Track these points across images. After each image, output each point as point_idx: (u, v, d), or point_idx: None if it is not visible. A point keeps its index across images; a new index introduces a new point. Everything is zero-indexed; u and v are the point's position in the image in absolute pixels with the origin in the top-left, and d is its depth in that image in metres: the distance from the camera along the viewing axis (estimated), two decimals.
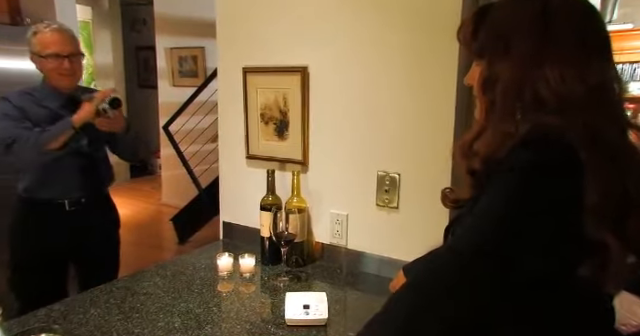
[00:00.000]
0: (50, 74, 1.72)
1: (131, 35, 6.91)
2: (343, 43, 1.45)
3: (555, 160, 0.66)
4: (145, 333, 1.11)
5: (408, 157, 1.40)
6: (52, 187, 1.75)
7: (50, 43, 1.69)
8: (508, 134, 0.71)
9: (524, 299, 0.70)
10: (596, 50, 0.73)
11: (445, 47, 1.29)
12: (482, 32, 0.78)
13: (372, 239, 1.49)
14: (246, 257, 1.45)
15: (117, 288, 1.33)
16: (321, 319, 1.15)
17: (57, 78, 1.72)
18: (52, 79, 1.73)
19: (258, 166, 1.66)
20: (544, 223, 0.66)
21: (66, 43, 1.72)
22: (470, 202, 0.79)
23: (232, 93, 1.68)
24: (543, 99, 0.70)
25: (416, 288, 0.72)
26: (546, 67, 0.70)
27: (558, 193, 0.66)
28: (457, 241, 0.73)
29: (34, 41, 1.70)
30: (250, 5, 1.61)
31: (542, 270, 0.68)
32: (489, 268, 0.66)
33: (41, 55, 1.70)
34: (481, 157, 0.74)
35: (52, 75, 1.72)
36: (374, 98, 1.43)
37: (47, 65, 1.70)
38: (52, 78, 1.73)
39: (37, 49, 1.70)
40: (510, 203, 0.67)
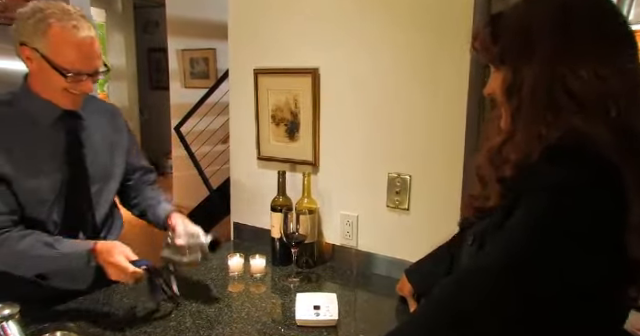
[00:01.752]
0: (56, 91, 1.16)
1: (143, 37, 6.99)
2: (354, 44, 1.45)
3: (590, 179, 0.63)
4: (157, 332, 1.12)
5: (419, 159, 1.39)
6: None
7: (77, 54, 1.12)
8: (539, 136, 0.68)
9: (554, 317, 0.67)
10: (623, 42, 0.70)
11: (457, 46, 1.29)
12: (502, 36, 0.76)
13: (382, 240, 1.49)
14: (257, 258, 1.46)
15: (130, 288, 1.35)
16: (331, 320, 1.15)
17: (62, 98, 1.18)
18: (51, 94, 1.17)
19: (269, 167, 1.67)
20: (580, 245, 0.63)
21: (93, 56, 1.16)
22: (498, 212, 0.75)
23: (243, 94, 1.70)
24: (576, 96, 0.67)
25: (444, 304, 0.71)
26: (577, 63, 0.67)
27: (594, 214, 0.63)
28: (488, 259, 0.70)
29: (46, 37, 1.10)
30: (261, 7, 1.62)
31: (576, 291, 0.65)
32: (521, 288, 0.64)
33: (56, 66, 1.11)
34: (512, 163, 0.71)
35: (56, 93, 1.16)
36: (385, 99, 1.43)
37: (56, 80, 1.13)
38: (52, 94, 1.17)
39: (47, 51, 1.10)
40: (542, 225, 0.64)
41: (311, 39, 1.53)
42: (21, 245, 1.12)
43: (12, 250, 1.12)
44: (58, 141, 1.21)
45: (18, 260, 1.14)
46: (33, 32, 1.10)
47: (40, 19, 1.10)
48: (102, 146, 1.31)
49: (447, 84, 1.32)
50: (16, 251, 1.12)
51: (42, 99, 1.18)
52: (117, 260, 1.12)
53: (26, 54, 1.13)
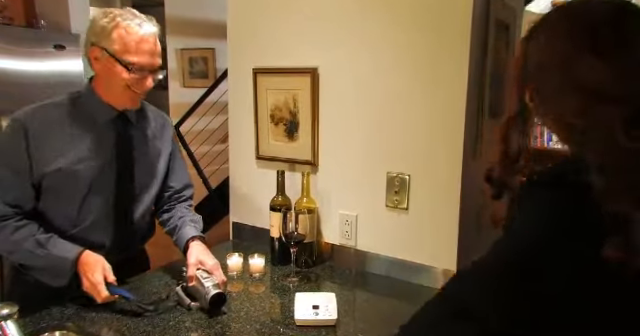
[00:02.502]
0: (118, 89, 1.22)
1: None
2: (353, 43, 1.45)
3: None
4: (156, 332, 1.12)
5: (418, 158, 1.40)
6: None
7: (140, 48, 1.19)
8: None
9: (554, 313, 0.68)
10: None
11: (457, 46, 1.29)
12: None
13: (381, 240, 1.49)
14: (256, 257, 1.46)
15: (131, 286, 1.35)
16: (330, 319, 1.16)
17: (123, 96, 1.24)
18: (114, 95, 1.24)
19: (268, 167, 1.67)
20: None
21: (155, 52, 1.24)
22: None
23: (242, 94, 1.70)
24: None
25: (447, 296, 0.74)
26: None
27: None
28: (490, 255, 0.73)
29: (114, 35, 1.18)
30: (261, 7, 1.62)
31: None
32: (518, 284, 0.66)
33: (121, 60, 1.18)
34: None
35: (118, 91, 1.23)
36: (384, 99, 1.43)
37: (122, 76, 1.20)
38: (115, 94, 1.24)
39: (116, 48, 1.18)
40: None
41: (310, 39, 1.53)
42: (15, 235, 1.20)
43: (7, 238, 1.20)
44: (110, 140, 1.28)
45: (11, 248, 1.23)
46: (101, 31, 1.19)
47: (110, 19, 1.19)
48: (149, 151, 1.37)
49: (447, 84, 1.33)
50: (10, 240, 1.20)
51: (103, 101, 1.26)
52: (95, 278, 1.16)
53: (94, 54, 1.21)
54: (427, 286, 1.40)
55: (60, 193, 1.24)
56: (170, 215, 1.47)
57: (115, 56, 1.19)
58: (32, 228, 1.22)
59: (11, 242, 1.20)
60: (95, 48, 1.20)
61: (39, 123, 1.20)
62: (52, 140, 1.21)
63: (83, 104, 1.26)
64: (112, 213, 1.31)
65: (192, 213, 1.50)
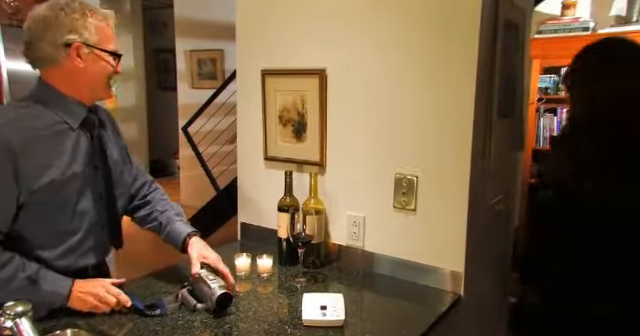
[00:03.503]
0: (101, 82, 1.18)
1: (151, 38, 7.04)
2: (361, 44, 1.46)
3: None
4: (165, 331, 1.13)
5: (426, 159, 1.40)
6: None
7: (111, 35, 1.17)
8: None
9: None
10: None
11: (465, 46, 1.29)
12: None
13: (389, 241, 1.49)
14: (264, 258, 1.46)
15: (138, 287, 1.36)
16: (338, 320, 1.16)
17: (104, 88, 1.20)
18: (92, 89, 1.19)
19: (276, 167, 1.68)
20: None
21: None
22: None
23: (251, 95, 1.70)
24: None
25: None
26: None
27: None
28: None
29: (90, 26, 1.12)
30: (270, 8, 1.63)
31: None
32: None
33: (107, 50, 1.15)
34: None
35: (101, 84, 1.18)
36: (392, 99, 1.43)
37: (109, 67, 1.17)
38: (93, 88, 1.19)
39: (97, 39, 1.13)
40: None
41: (318, 40, 1.54)
42: (3, 275, 1.06)
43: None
44: (85, 141, 1.20)
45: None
46: (76, 25, 1.11)
47: (77, 10, 1.11)
48: (115, 147, 1.31)
49: (455, 84, 1.32)
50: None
51: (71, 100, 1.17)
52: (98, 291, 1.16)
53: (76, 52, 1.12)
54: (434, 287, 1.39)
55: (48, 207, 1.13)
56: (148, 211, 1.40)
57: (98, 47, 1.14)
58: (17, 262, 1.09)
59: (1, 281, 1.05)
60: (75, 44, 1.11)
61: (20, 138, 1.07)
62: (38, 153, 1.10)
63: (53, 107, 1.15)
64: (104, 216, 1.25)
65: (170, 204, 1.44)
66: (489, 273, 1.69)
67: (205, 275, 1.24)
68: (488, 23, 1.33)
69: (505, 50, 1.43)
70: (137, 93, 6.60)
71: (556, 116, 2.97)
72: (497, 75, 1.39)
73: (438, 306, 1.31)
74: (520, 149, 1.87)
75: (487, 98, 1.39)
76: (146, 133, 6.77)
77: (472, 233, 1.38)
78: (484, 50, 1.31)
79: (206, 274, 1.25)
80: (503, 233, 1.82)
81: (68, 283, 1.14)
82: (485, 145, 1.41)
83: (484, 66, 1.33)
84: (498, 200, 1.63)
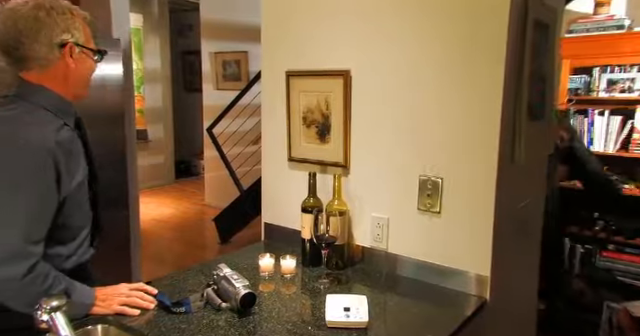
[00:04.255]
0: (87, 79, 1.21)
1: (178, 40, 7.17)
2: (386, 45, 1.45)
3: None
4: (191, 329, 1.15)
5: (452, 161, 1.38)
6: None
7: (90, 33, 1.18)
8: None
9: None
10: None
11: (493, 47, 1.27)
12: None
13: (413, 243, 1.47)
14: (287, 258, 1.47)
15: (164, 285, 1.39)
16: (361, 322, 1.16)
17: (87, 85, 1.22)
18: (79, 88, 1.20)
19: (299, 168, 1.69)
20: None
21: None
22: None
23: (275, 96, 1.72)
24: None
25: None
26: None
27: None
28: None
29: (78, 26, 1.13)
30: (294, 10, 1.64)
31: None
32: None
33: (92, 49, 1.18)
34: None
35: (86, 81, 1.21)
36: (417, 101, 1.42)
37: (93, 65, 1.20)
38: (81, 86, 1.20)
39: (83, 39, 1.15)
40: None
41: (343, 41, 1.54)
42: (45, 285, 1.07)
43: (38, 289, 1.05)
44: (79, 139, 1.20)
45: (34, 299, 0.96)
46: (68, 26, 1.11)
47: (66, 11, 1.11)
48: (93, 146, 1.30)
49: (482, 86, 1.30)
50: (40, 291, 1.05)
51: (65, 100, 1.17)
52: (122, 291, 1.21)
53: (70, 53, 1.12)
54: (459, 290, 1.38)
55: (73, 207, 1.15)
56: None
57: (87, 47, 1.15)
58: (55, 273, 1.10)
59: (39, 293, 1.03)
60: (69, 45, 1.11)
61: (61, 148, 1.08)
62: (72, 158, 1.12)
63: (55, 110, 1.14)
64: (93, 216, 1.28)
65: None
66: (516, 278, 1.66)
67: (230, 275, 1.26)
68: (516, 23, 1.30)
69: (534, 50, 1.40)
70: (163, 95, 6.74)
71: (587, 117, 2.88)
72: (526, 76, 1.36)
73: (463, 310, 1.29)
74: (549, 152, 1.83)
75: (515, 99, 1.36)
76: (172, 134, 6.90)
77: (498, 237, 1.35)
78: (512, 50, 1.29)
79: (231, 273, 1.26)
80: (531, 237, 1.78)
81: (92, 293, 1.17)
82: (513, 148, 1.38)
83: (512, 67, 1.31)
84: (526, 204, 1.59)
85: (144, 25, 6.45)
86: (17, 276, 1.02)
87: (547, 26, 1.51)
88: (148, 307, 1.22)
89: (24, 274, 1.03)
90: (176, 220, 5.18)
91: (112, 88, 2.71)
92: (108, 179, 2.77)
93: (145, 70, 6.52)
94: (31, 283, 1.04)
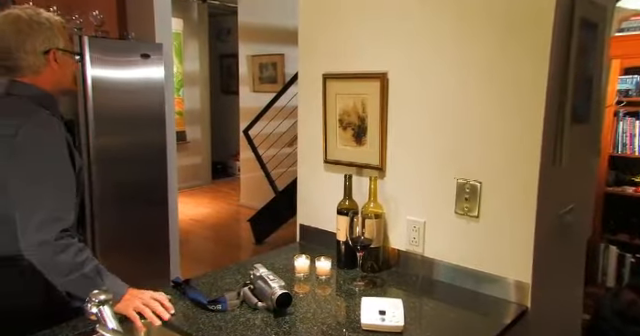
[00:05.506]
0: (71, 78, 1.37)
1: (216, 44, 7.34)
2: (424, 47, 1.44)
3: None
4: (228, 327, 1.17)
5: (491, 165, 1.35)
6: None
7: (67, 36, 1.32)
8: None
9: None
10: None
11: (536, 47, 1.24)
12: None
13: (450, 248, 1.45)
14: (322, 260, 1.48)
15: (202, 283, 1.42)
16: (397, 326, 1.15)
17: (71, 82, 1.39)
18: (68, 83, 1.36)
19: (335, 171, 1.69)
20: None
21: None
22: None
23: (312, 99, 1.73)
24: None
25: None
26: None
27: None
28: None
29: (58, 33, 1.27)
30: (331, 13, 1.65)
31: None
32: None
33: (72, 51, 1.33)
34: None
35: (69, 78, 1.36)
36: (455, 103, 1.40)
37: (71, 63, 1.34)
38: (66, 84, 1.36)
39: (64, 44, 1.29)
40: None
41: (380, 43, 1.53)
42: (79, 258, 1.15)
43: (70, 259, 1.14)
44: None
45: (70, 270, 1.14)
46: (52, 34, 1.25)
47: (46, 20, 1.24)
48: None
49: (524, 87, 1.27)
50: (72, 262, 1.14)
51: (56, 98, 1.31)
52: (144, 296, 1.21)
53: (54, 57, 1.26)
54: (497, 297, 1.34)
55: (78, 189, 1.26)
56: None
57: (67, 50, 1.30)
58: (88, 251, 1.19)
59: (73, 264, 1.14)
60: (52, 51, 1.25)
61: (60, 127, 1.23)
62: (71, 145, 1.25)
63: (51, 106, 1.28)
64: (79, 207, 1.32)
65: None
66: (560, 286, 1.60)
67: (266, 275, 1.28)
68: (562, 22, 1.26)
69: (581, 50, 1.35)
70: (202, 97, 6.91)
71: (638, 120, 2.75)
72: (571, 77, 1.32)
73: (502, 317, 1.26)
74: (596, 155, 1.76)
75: (560, 102, 1.32)
76: (209, 135, 7.06)
77: (540, 242, 1.31)
78: (557, 51, 1.25)
79: (267, 273, 1.28)
80: (575, 244, 1.71)
81: (125, 286, 1.22)
82: (556, 151, 1.34)
83: (557, 68, 1.27)
84: (569, 209, 1.54)
85: (184, 29, 6.64)
86: (50, 239, 1.12)
87: (595, 25, 1.45)
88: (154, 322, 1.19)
89: (56, 237, 1.13)
90: (212, 220, 5.29)
91: (154, 91, 2.81)
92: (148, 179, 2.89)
93: (184, 73, 6.70)
94: (63, 250, 1.13)
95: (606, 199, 2.85)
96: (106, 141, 2.63)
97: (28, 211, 1.14)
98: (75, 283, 1.15)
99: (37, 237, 1.13)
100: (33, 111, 1.22)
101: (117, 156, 2.69)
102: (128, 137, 2.74)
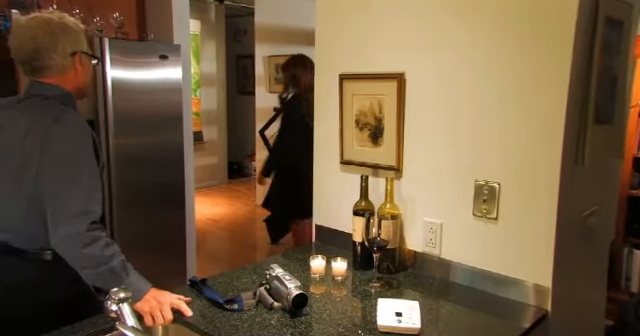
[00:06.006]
0: (87, 79, 1.41)
1: (232, 45, 7.39)
2: (441, 47, 1.42)
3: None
4: (244, 326, 1.18)
5: (510, 166, 1.33)
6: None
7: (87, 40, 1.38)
8: None
9: None
10: None
11: (558, 45, 1.22)
12: None
13: (467, 250, 1.43)
14: (338, 261, 1.47)
15: (219, 282, 1.43)
16: (414, 328, 1.14)
17: (89, 85, 1.44)
18: (87, 85, 1.42)
19: (351, 171, 1.69)
20: None
21: None
22: None
23: (328, 99, 1.73)
24: None
25: None
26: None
27: None
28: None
29: (83, 35, 1.34)
30: (348, 13, 1.64)
31: None
32: None
33: (89, 52, 1.37)
34: None
35: (88, 80, 1.42)
36: (473, 103, 1.38)
37: (90, 67, 1.40)
38: (87, 83, 1.42)
39: (86, 47, 1.35)
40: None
41: (397, 44, 1.52)
42: (107, 251, 1.19)
43: (98, 252, 1.17)
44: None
45: (98, 263, 1.17)
46: (78, 37, 1.32)
47: (75, 24, 1.32)
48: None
49: (545, 87, 1.25)
50: (101, 255, 1.17)
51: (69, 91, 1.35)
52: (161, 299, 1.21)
53: (79, 60, 1.33)
54: (516, 300, 1.32)
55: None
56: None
57: (90, 53, 1.37)
58: (116, 246, 1.23)
59: (102, 257, 1.18)
60: (78, 54, 1.32)
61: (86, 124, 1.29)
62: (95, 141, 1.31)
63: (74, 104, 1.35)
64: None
65: None
66: (581, 290, 1.57)
67: (282, 275, 1.28)
68: (586, 19, 1.23)
69: (605, 49, 1.32)
70: (218, 97, 6.96)
71: None
72: (594, 76, 1.29)
73: (521, 321, 1.24)
74: (619, 157, 1.72)
75: (582, 102, 1.29)
76: (225, 136, 7.11)
77: (561, 245, 1.29)
78: (580, 50, 1.23)
79: (283, 274, 1.28)
80: (597, 248, 1.68)
81: (148, 285, 1.24)
82: (578, 152, 1.31)
83: (580, 67, 1.24)
84: (591, 212, 1.51)
85: (201, 30, 6.70)
86: (81, 230, 1.16)
87: (620, 23, 1.42)
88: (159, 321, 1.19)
89: (87, 229, 1.17)
90: (229, 220, 5.33)
91: (172, 91, 2.84)
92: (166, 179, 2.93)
93: (201, 74, 6.77)
94: (92, 242, 1.17)
95: (630, 202, 2.78)
96: (125, 141, 2.67)
97: (60, 203, 1.19)
98: (102, 277, 1.18)
99: (69, 228, 1.17)
100: (61, 110, 1.27)
101: (135, 156, 2.73)
102: (146, 137, 2.77)
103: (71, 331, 1.14)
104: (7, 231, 1.27)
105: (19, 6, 2.26)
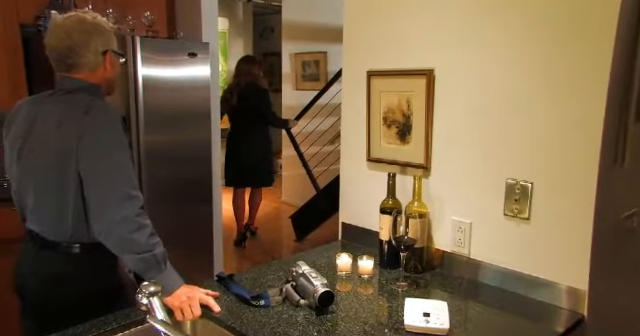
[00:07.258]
0: (115, 77, 1.44)
1: (260, 42, 7.44)
2: (473, 43, 1.39)
3: None
4: (271, 322, 1.18)
5: (544, 165, 1.29)
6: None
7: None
8: None
9: None
10: None
11: (596, 41, 1.17)
12: None
13: (498, 250, 1.40)
14: (365, 259, 1.46)
15: (246, 278, 1.45)
16: (442, 329, 1.12)
17: (116, 83, 1.46)
18: (114, 83, 1.45)
19: (379, 169, 1.67)
20: None
21: None
22: None
23: (355, 96, 1.72)
24: None
25: None
26: None
27: None
28: None
29: (114, 35, 1.39)
30: (377, 9, 1.62)
31: None
32: None
33: (119, 52, 1.42)
34: None
35: (115, 78, 1.45)
36: (505, 99, 1.34)
37: (118, 65, 1.43)
38: (114, 82, 1.45)
39: (116, 46, 1.40)
40: None
41: (426, 40, 1.50)
42: (152, 240, 1.22)
43: (144, 240, 1.20)
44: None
45: (142, 251, 1.19)
46: (110, 36, 1.38)
47: (106, 23, 1.37)
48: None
49: (582, 84, 1.20)
50: (146, 242, 1.20)
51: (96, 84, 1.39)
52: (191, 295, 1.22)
53: (109, 58, 1.38)
54: (549, 303, 1.28)
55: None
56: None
57: (119, 53, 1.42)
58: (159, 239, 1.25)
59: (147, 244, 1.20)
60: (108, 53, 1.37)
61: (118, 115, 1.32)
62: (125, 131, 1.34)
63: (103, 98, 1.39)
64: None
65: None
66: (622, 295, 1.51)
67: (308, 272, 1.28)
68: (628, 15, 1.18)
69: None
70: None
71: None
72: (637, 72, 1.23)
73: (554, 325, 1.20)
74: None
75: (622, 100, 1.24)
76: None
77: (598, 247, 1.24)
78: (621, 46, 1.17)
79: (309, 271, 1.28)
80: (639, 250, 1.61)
81: (180, 281, 1.25)
82: (618, 151, 1.26)
83: (620, 64, 1.19)
84: (633, 213, 1.44)
85: (229, 28, 6.77)
86: (131, 215, 1.20)
87: None
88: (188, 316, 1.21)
89: (136, 214, 1.21)
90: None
91: (200, 89, 2.87)
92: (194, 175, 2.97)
93: (229, 71, 6.83)
94: (140, 228, 1.20)
95: None
96: (155, 138, 2.72)
97: (105, 189, 1.21)
98: (145, 263, 1.20)
99: (119, 212, 1.19)
100: (90, 99, 1.31)
101: (165, 152, 2.77)
102: (175, 134, 2.82)
103: (104, 322, 1.18)
104: (46, 224, 1.31)
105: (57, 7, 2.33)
